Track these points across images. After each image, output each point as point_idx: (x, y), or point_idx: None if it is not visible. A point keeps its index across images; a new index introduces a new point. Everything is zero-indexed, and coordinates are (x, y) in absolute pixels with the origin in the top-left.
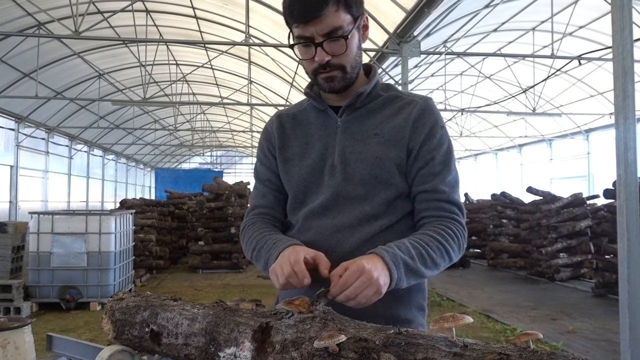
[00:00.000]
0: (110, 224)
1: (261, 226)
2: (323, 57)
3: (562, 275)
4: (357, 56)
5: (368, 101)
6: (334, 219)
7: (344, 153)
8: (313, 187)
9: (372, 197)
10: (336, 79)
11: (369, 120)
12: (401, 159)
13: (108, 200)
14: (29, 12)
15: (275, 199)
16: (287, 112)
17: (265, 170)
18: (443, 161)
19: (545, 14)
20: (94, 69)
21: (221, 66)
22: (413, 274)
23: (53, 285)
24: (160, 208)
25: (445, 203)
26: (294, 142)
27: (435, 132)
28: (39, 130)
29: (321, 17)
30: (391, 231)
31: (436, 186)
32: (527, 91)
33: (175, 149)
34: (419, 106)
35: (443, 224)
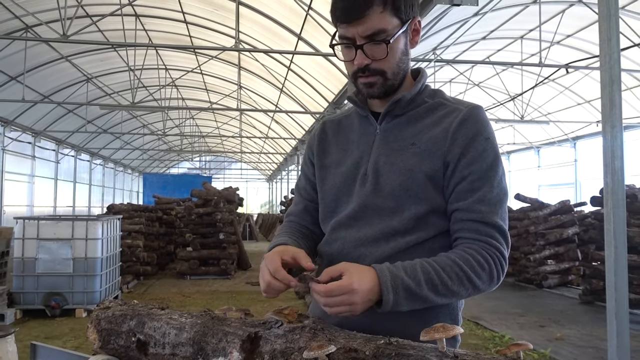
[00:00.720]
0: (97, 229)
1: (284, 231)
2: (362, 61)
3: (550, 282)
4: (401, 62)
5: (411, 108)
6: (359, 232)
7: (377, 162)
8: (344, 196)
9: (402, 211)
10: (376, 85)
11: (407, 129)
12: (435, 172)
13: (95, 205)
14: (16, 15)
15: (305, 208)
16: (332, 118)
17: (303, 178)
18: (483, 177)
19: (533, 23)
20: (82, 72)
21: (211, 71)
22: (418, 299)
23: (38, 291)
24: (148, 214)
25: (481, 224)
26: (334, 148)
27: (476, 144)
28: (25, 134)
29: (364, 19)
30: (420, 249)
31: (472, 205)
32: (516, 99)
33: (164, 154)
34: (462, 115)
35: (474, 247)
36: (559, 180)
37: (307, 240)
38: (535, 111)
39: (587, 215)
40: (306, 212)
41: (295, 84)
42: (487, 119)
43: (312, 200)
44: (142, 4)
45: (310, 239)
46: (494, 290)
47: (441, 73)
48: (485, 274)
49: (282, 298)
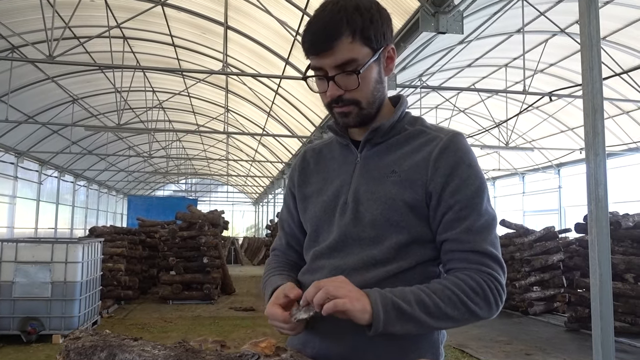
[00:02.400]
0: (78, 252)
1: (273, 266)
2: (334, 92)
3: (535, 309)
4: (375, 90)
5: (391, 135)
6: (340, 261)
7: (357, 191)
8: (325, 225)
9: (383, 241)
10: (351, 114)
11: (387, 157)
12: (416, 201)
13: (78, 227)
14: (2, 35)
15: (288, 244)
16: (314, 146)
17: (285, 210)
18: (469, 205)
19: (517, 52)
20: (68, 93)
21: (198, 94)
22: (411, 320)
23: (14, 316)
24: (130, 236)
25: (471, 254)
26: (314, 177)
27: (459, 172)
28: (8, 155)
29: (333, 50)
30: (401, 278)
31: (460, 235)
32: (501, 125)
33: (150, 176)
34: (442, 143)
35: (465, 274)
36: (543, 206)
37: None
38: (520, 138)
39: (571, 242)
40: (289, 248)
41: (283, 108)
42: (468, 145)
43: (293, 235)
44: (130, 27)
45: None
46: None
47: (427, 99)
48: (480, 298)
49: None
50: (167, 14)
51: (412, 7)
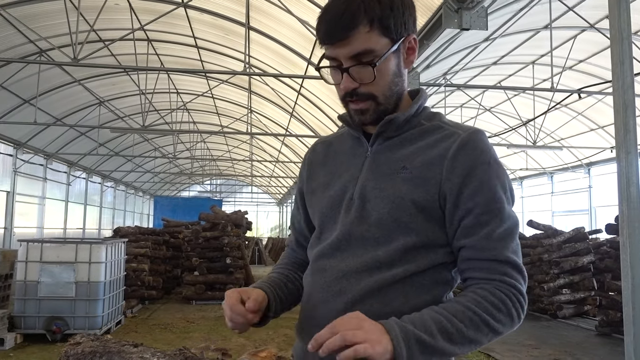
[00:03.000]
0: (101, 253)
1: (283, 262)
2: (349, 85)
3: (564, 312)
4: (393, 84)
5: (405, 130)
6: (342, 262)
7: (364, 187)
8: (330, 223)
9: (389, 242)
10: (368, 111)
11: (399, 152)
12: (427, 202)
13: (105, 227)
14: (30, 39)
15: (297, 241)
16: (324, 139)
17: (295, 207)
18: (490, 209)
19: (544, 48)
20: (94, 96)
21: (222, 95)
22: (435, 352)
23: (39, 315)
24: (154, 237)
25: (493, 262)
26: (322, 171)
27: (479, 173)
28: (38, 157)
29: (349, 39)
30: (408, 283)
31: (480, 242)
32: (528, 124)
33: (175, 177)
34: (460, 140)
35: (487, 288)
36: (573, 207)
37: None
38: (548, 136)
39: (602, 243)
40: (298, 245)
41: (305, 108)
42: (489, 143)
43: (302, 232)
44: (154, 29)
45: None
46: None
47: (452, 98)
48: (503, 315)
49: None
50: (190, 15)
51: (434, 4)
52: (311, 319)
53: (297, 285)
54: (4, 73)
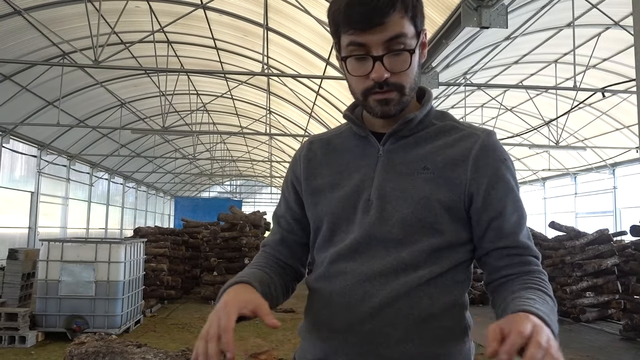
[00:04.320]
0: (120, 252)
1: (257, 262)
2: (382, 74)
3: (587, 315)
4: (417, 77)
5: (419, 129)
6: (363, 265)
7: (383, 188)
8: (343, 224)
9: (413, 243)
10: (392, 102)
11: (416, 151)
12: (453, 202)
13: (127, 227)
14: (54, 42)
15: (282, 240)
16: (320, 137)
17: (283, 205)
18: (516, 208)
19: (567, 47)
20: (116, 98)
21: (241, 96)
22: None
23: (60, 314)
24: (173, 237)
25: (529, 257)
26: (325, 170)
27: (503, 174)
28: (61, 157)
29: (386, 24)
30: (433, 285)
31: (518, 240)
32: (550, 124)
33: (195, 178)
34: (481, 141)
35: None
36: (597, 208)
37: (284, 275)
38: (571, 136)
39: (627, 245)
40: (283, 244)
41: (324, 109)
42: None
43: (290, 231)
44: (174, 31)
45: (287, 273)
46: None
47: (472, 98)
48: (550, 292)
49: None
50: (209, 17)
51: (453, 2)
52: (332, 325)
53: (277, 289)
54: (28, 76)
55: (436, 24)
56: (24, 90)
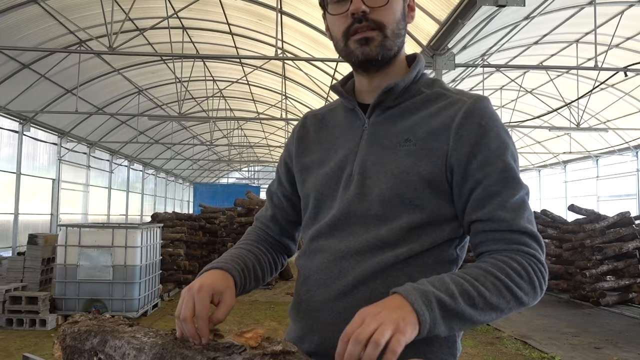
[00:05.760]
0: (137, 237)
1: (248, 238)
2: (359, 6)
3: (607, 299)
4: (399, 25)
5: (405, 99)
6: (341, 242)
7: (365, 162)
8: (327, 200)
9: (392, 220)
10: (373, 41)
11: (401, 123)
12: (434, 175)
13: (147, 214)
14: (70, 30)
15: (273, 216)
16: (315, 112)
17: (276, 181)
18: (502, 179)
19: (588, 26)
20: (133, 85)
21: (257, 82)
22: (456, 317)
23: (79, 298)
24: (190, 222)
25: (508, 233)
26: (315, 146)
27: (488, 142)
28: (81, 145)
29: None
30: (412, 264)
31: (494, 213)
32: (571, 105)
33: (214, 164)
34: (466, 107)
35: (506, 255)
36: (619, 191)
37: (272, 251)
38: (593, 118)
39: None
40: (273, 221)
41: None
42: (495, 111)
43: (281, 208)
44: (189, 17)
45: (277, 248)
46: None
47: (491, 80)
48: (526, 283)
49: None
50: (223, 2)
51: None
52: (309, 303)
53: (263, 268)
54: (46, 64)
55: (452, 3)
56: (43, 79)
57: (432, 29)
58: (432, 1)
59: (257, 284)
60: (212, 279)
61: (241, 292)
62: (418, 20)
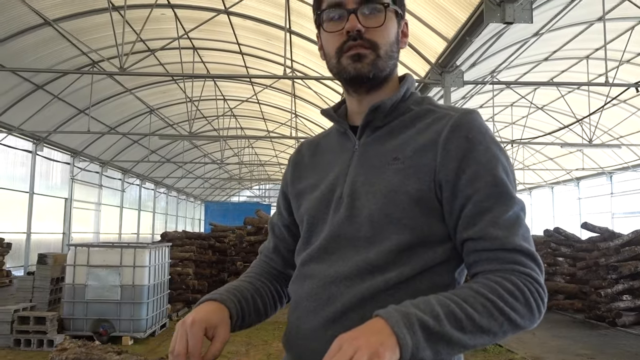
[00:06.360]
0: (145, 257)
1: (252, 271)
2: (354, 24)
3: (624, 320)
4: (392, 48)
5: (394, 117)
6: (331, 267)
7: (354, 183)
8: (319, 224)
9: (381, 241)
10: (365, 58)
11: (389, 142)
12: (423, 193)
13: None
14: (83, 51)
15: (275, 248)
16: (311, 140)
17: (277, 212)
18: (493, 194)
19: (599, 42)
20: (145, 104)
21: (267, 100)
22: (441, 340)
23: (87, 318)
24: (200, 241)
25: (502, 252)
26: (309, 172)
27: (476, 155)
28: (93, 164)
29: None
30: (404, 288)
31: (486, 230)
32: (583, 121)
33: (225, 183)
34: (453, 122)
35: (499, 275)
36: (634, 208)
37: (276, 283)
38: (605, 134)
39: None
40: (276, 252)
41: None
42: (485, 124)
43: (282, 238)
44: (199, 37)
45: (281, 281)
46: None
47: (502, 97)
48: (521, 304)
49: None
50: (233, 22)
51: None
52: (298, 331)
53: (265, 300)
54: (59, 85)
55: (459, 21)
56: (56, 99)
57: (440, 46)
58: (439, 19)
59: (258, 317)
60: (206, 311)
61: (239, 325)
62: (426, 37)
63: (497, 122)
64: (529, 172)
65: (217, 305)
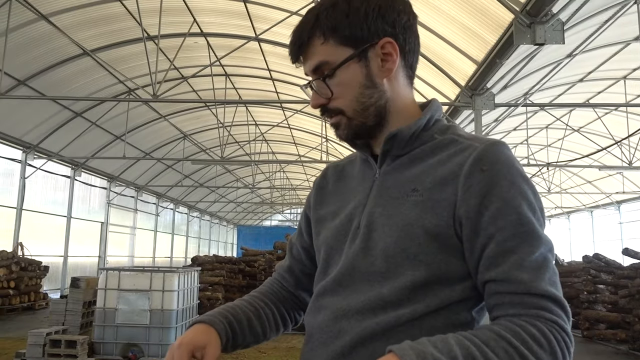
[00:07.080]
0: (174, 281)
1: (260, 290)
2: (316, 101)
3: None
4: (362, 96)
5: (416, 146)
6: (344, 300)
7: (372, 214)
8: (336, 255)
9: (395, 277)
10: (340, 126)
11: (409, 171)
12: (440, 229)
13: (191, 255)
14: (119, 79)
15: (289, 268)
16: (337, 163)
17: (297, 233)
18: (517, 234)
19: (636, 62)
20: (178, 130)
21: (298, 125)
22: None
23: (117, 342)
24: (230, 265)
25: (527, 296)
26: (332, 198)
27: (500, 191)
28: (129, 189)
29: (306, 55)
30: (417, 326)
31: (510, 273)
32: (622, 143)
33: (257, 207)
34: (476, 154)
35: (523, 320)
36: None
37: (285, 304)
38: None
39: None
40: (289, 272)
41: None
42: (512, 156)
43: (299, 260)
44: (231, 64)
45: (290, 302)
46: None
47: (535, 119)
48: (546, 353)
49: None
50: (264, 49)
51: (505, 21)
52: None
53: (264, 321)
54: (97, 112)
55: (489, 43)
56: (94, 126)
57: (470, 69)
58: (468, 42)
59: (255, 338)
60: (193, 333)
61: (232, 345)
62: (455, 61)
63: (531, 145)
64: (566, 196)
65: (204, 327)
